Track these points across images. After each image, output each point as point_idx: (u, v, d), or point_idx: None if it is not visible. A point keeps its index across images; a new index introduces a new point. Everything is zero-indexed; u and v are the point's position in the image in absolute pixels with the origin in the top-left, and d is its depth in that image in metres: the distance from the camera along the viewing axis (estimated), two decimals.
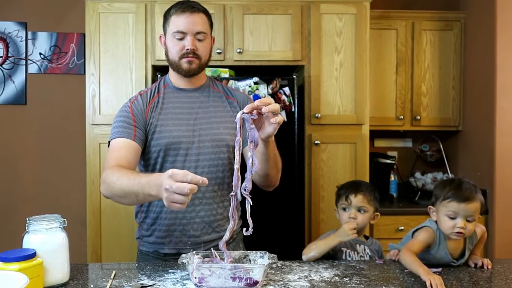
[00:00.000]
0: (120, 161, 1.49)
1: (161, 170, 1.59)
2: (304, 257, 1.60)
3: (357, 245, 1.74)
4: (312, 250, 1.60)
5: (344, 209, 1.78)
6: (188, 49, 1.57)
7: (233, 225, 1.32)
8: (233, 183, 1.29)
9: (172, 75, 1.69)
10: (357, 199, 1.75)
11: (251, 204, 1.30)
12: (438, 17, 3.16)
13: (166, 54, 1.65)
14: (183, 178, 1.16)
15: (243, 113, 1.28)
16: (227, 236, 1.32)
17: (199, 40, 1.59)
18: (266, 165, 1.50)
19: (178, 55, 1.59)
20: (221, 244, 1.33)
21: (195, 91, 1.67)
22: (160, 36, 1.67)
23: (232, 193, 1.29)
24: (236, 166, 1.28)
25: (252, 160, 1.30)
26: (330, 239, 1.59)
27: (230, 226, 1.32)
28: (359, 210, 1.75)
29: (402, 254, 1.53)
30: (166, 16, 1.62)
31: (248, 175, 1.29)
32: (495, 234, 2.80)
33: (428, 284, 1.32)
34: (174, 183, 1.16)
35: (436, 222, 1.59)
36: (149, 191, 1.28)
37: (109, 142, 1.59)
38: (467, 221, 1.52)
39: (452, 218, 1.53)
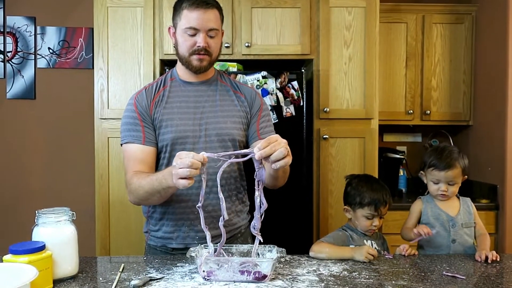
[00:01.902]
0: (139, 166, 1.55)
1: (168, 165, 1.58)
2: (312, 254, 1.57)
3: (365, 241, 1.73)
4: (324, 253, 1.55)
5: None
6: (200, 46, 1.54)
7: (210, 235, 1.35)
8: (201, 193, 1.31)
9: (179, 68, 1.67)
10: (385, 209, 1.74)
11: (261, 241, 1.33)
12: (448, 10, 3.11)
13: (176, 48, 1.61)
14: (187, 155, 1.25)
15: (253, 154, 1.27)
16: (211, 246, 1.35)
17: (211, 37, 1.56)
18: (274, 180, 1.51)
19: (189, 51, 1.56)
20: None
21: (202, 85, 1.66)
22: (169, 28, 1.64)
23: (198, 204, 1.32)
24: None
25: (260, 200, 1.31)
26: (346, 252, 1.55)
27: (208, 237, 1.35)
28: (381, 217, 1.74)
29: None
30: (177, 8, 1.58)
31: (256, 214, 1.31)
32: (506, 229, 2.77)
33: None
34: (178, 159, 1.26)
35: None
36: (167, 182, 1.36)
37: (121, 143, 1.61)
38: (449, 184, 1.78)
39: (436, 183, 1.80)
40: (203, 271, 1.28)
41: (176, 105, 1.60)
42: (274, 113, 2.54)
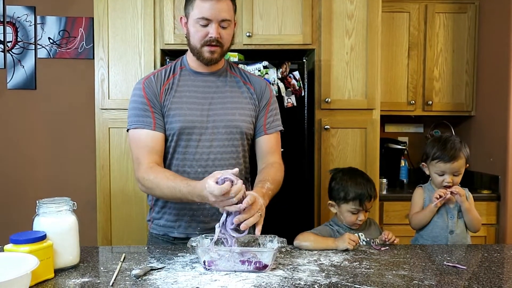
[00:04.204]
0: (152, 157, 1.53)
1: (174, 154, 1.58)
2: (296, 242, 1.56)
3: (352, 233, 1.72)
4: (309, 242, 1.55)
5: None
6: (212, 37, 1.51)
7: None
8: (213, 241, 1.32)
9: (189, 57, 1.64)
10: (369, 204, 1.73)
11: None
12: None
13: (187, 38, 1.58)
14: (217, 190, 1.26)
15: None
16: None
17: (223, 27, 1.53)
18: None
19: (201, 42, 1.53)
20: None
21: (211, 75, 1.63)
22: (181, 18, 1.60)
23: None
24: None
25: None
26: (329, 243, 1.54)
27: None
28: (366, 211, 1.72)
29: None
30: None
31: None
32: (507, 220, 2.77)
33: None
34: (214, 197, 1.28)
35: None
36: (192, 199, 1.39)
37: (128, 128, 1.58)
38: (454, 175, 1.79)
39: (441, 175, 1.80)
40: (204, 261, 1.28)
41: (185, 95, 1.58)
42: None
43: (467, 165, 1.83)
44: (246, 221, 1.28)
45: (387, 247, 1.57)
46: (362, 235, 1.71)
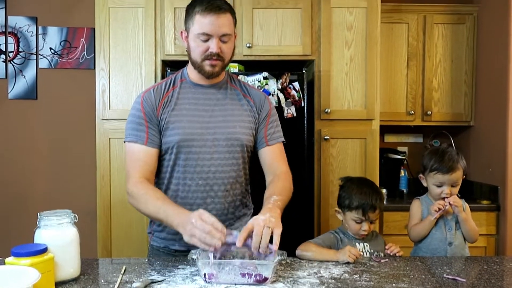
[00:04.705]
0: (142, 172, 1.55)
1: (174, 167, 1.59)
2: (297, 252, 1.57)
3: (357, 244, 1.73)
4: (310, 252, 1.56)
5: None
6: (212, 52, 1.52)
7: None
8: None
9: (190, 70, 1.64)
10: (373, 215, 1.72)
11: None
12: (450, 10, 3.11)
13: (188, 52, 1.59)
14: (208, 219, 1.30)
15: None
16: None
17: (224, 41, 1.53)
18: None
19: (202, 57, 1.54)
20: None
21: (212, 87, 1.64)
22: (182, 32, 1.61)
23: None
24: None
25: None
26: (331, 254, 1.55)
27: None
28: (371, 222, 1.73)
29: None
30: (189, 12, 1.54)
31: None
32: (507, 231, 2.77)
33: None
34: (199, 220, 1.30)
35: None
36: (171, 223, 1.40)
37: (124, 141, 1.61)
38: (452, 186, 1.79)
39: (439, 186, 1.80)
40: (204, 273, 1.28)
41: (185, 107, 1.59)
42: None
43: (464, 176, 1.84)
44: (261, 244, 1.28)
45: (387, 259, 1.58)
46: (367, 245, 1.72)
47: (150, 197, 1.48)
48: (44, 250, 1.22)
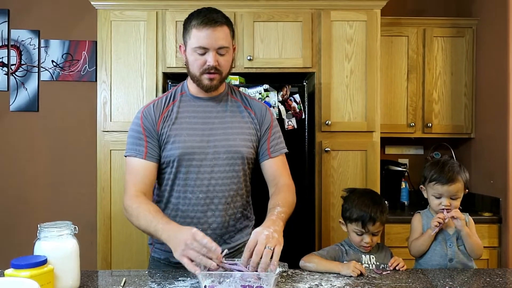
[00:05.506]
0: (138, 186, 1.54)
1: (175, 180, 1.59)
2: (301, 263, 1.58)
3: (363, 256, 1.71)
4: (313, 263, 1.56)
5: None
6: (209, 65, 1.52)
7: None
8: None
9: (190, 83, 1.64)
10: (373, 227, 1.70)
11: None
12: (449, 23, 3.14)
13: (187, 66, 1.60)
14: (201, 240, 1.26)
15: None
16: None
17: (221, 54, 1.53)
18: None
19: (200, 70, 1.54)
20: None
21: (212, 100, 1.64)
22: (180, 46, 1.61)
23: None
24: None
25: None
26: (334, 267, 1.54)
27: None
28: (373, 234, 1.71)
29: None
30: (186, 26, 1.55)
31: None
32: (509, 243, 2.75)
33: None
34: (194, 240, 1.26)
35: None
36: (160, 237, 1.38)
37: (124, 155, 1.61)
38: (451, 199, 1.75)
39: (438, 197, 1.76)
40: (205, 285, 1.27)
41: (185, 121, 1.59)
42: None
43: (466, 190, 1.80)
44: (260, 265, 1.25)
45: (389, 271, 1.56)
46: (373, 257, 1.71)
47: (142, 210, 1.46)
48: (44, 262, 1.22)
